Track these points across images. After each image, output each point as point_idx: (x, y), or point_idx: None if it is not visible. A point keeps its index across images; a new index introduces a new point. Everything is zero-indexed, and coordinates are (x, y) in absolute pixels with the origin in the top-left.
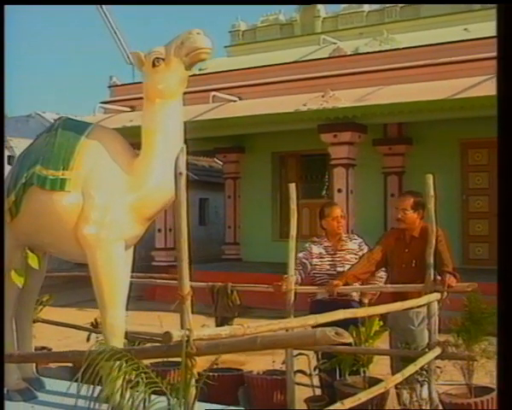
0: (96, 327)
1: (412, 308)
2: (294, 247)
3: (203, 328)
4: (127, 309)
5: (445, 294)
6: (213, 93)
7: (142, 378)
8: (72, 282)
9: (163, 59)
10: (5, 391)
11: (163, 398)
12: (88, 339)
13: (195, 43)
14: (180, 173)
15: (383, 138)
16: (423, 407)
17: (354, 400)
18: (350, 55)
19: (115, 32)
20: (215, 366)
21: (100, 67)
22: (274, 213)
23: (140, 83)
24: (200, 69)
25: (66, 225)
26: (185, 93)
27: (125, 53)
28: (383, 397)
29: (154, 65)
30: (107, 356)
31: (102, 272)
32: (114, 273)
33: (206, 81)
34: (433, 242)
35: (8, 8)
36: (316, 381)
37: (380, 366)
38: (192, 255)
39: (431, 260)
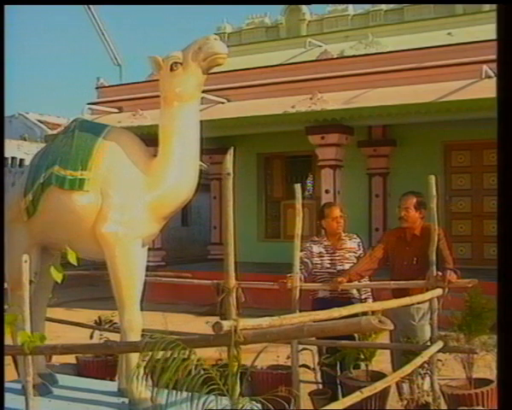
0: (99, 325)
1: (413, 304)
2: (299, 245)
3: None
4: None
5: (446, 290)
6: (202, 95)
7: (195, 366)
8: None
9: (181, 63)
10: (20, 386)
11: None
12: (91, 337)
13: (213, 49)
14: (228, 174)
15: (368, 140)
16: (425, 399)
17: (371, 389)
18: (337, 58)
19: (103, 34)
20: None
21: (86, 67)
22: (259, 213)
23: (127, 84)
24: None
25: (84, 223)
26: None
27: (112, 54)
28: (386, 389)
29: (171, 69)
30: (163, 346)
31: (121, 269)
32: (132, 270)
33: None
34: (436, 240)
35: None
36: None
37: (375, 362)
38: (176, 255)
39: (433, 257)
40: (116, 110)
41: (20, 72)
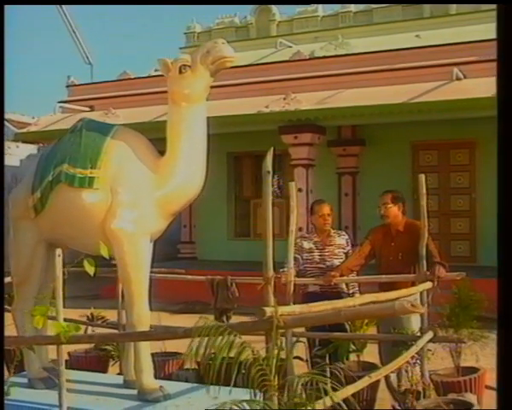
0: (91, 321)
1: (400, 297)
2: (293, 242)
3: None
4: (86, 307)
5: (436, 283)
6: None
7: (243, 349)
8: None
9: (189, 66)
10: (27, 380)
11: None
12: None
13: (221, 52)
14: (268, 172)
15: (338, 140)
16: (414, 387)
17: (377, 374)
18: (311, 59)
19: (74, 32)
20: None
21: (52, 65)
22: (229, 212)
23: (98, 83)
24: (156, 70)
25: (93, 220)
26: (146, 94)
27: (83, 52)
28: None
29: (180, 71)
30: (213, 330)
31: (130, 264)
32: (141, 266)
33: (163, 83)
34: (426, 235)
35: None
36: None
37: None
38: None
39: (423, 252)
40: (87, 109)
41: None
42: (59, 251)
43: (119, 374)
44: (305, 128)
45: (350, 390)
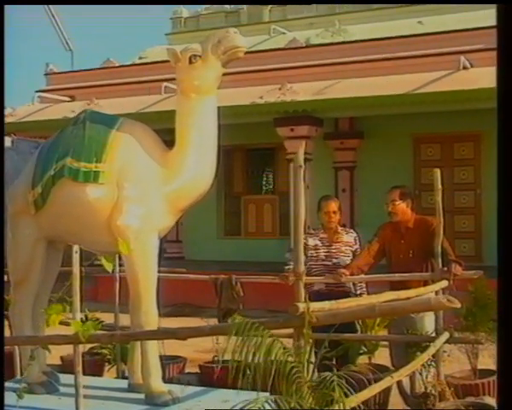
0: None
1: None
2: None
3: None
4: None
5: (452, 281)
6: (165, 84)
7: (277, 345)
8: None
9: (200, 56)
10: (26, 385)
11: None
12: None
13: (233, 42)
14: (300, 166)
15: (334, 132)
16: (428, 390)
17: (398, 375)
18: (307, 47)
19: (53, 16)
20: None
21: (33, 53)
22: (218, 209)
23: (80, 71)
24: (140, 57)
25: (97, 215)
26: (131, 83)
27: (63, 38)
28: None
29: (190, 61)
30: (248, 327)
31: (137, 262)
32: (149, 263)
33: (148, 71)
34: (441, 232)
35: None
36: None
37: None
38: None
39: (439, 249)
40: (68, 98)
41: None
42: (76, 248)
43: (115, 378)
44: (301, 120)
45: (374, 390)
